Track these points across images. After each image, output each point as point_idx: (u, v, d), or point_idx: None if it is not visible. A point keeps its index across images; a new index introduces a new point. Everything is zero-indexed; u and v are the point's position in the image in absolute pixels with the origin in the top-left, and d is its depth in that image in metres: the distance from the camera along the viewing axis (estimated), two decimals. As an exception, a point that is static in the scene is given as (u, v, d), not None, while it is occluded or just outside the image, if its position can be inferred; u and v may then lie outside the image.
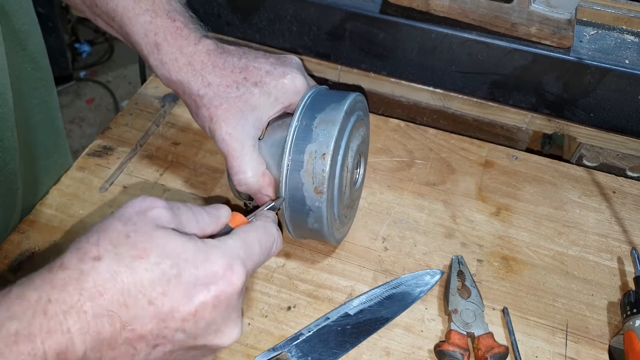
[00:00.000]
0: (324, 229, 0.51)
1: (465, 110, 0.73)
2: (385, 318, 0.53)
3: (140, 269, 0.33)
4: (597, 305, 0.56)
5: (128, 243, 0.33)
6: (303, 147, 0.48)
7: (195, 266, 0.34)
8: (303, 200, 0.49)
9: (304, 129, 0.49)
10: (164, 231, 0.35)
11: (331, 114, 0.49)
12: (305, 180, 0.48)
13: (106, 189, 0.63)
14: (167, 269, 0.33)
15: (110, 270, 0.32)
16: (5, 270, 0.54)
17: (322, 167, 0.48)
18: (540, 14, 0.64)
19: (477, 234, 0.61)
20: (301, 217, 0.50)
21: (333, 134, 0.48)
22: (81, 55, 2.42)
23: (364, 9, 0.68)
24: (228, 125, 0.47)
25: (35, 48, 0.59)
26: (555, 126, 0.70)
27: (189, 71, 0.48)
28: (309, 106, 0.50)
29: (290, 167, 0.49)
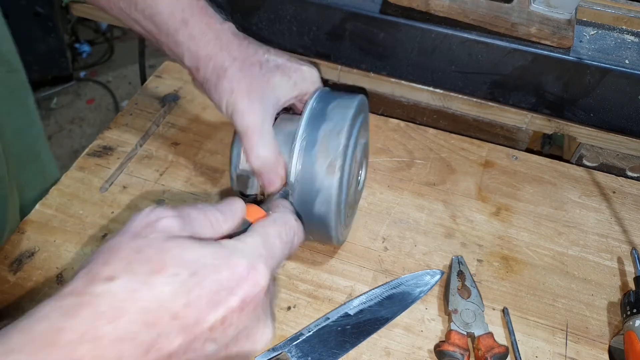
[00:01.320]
0: (330, 215, 0.49)
1: (465, 110, 0.73)
2: (385, 318, 0.53)
3: (158, 284, 0.30)
4: (597, 305, 0.56)
5: (141, 258, 0.31)
6: (318, 125, 0.49)
7: (216, 271, 0.32)
8: (313, 179, 0.48)
9: (318, 110, 0.50)
10: (177, 240, 0.33)
11: (345, 102, 0.51)
12: (318, 157, 0.48)
13: (106, 189, 0.63)
14: (186, 278, 0.31)
15: (127, 290, 0.30)
16: (5, 270, 0.54)
17: (337, 143, 0.48)
18: (540, 14, 0.64)
19: (477, 234, 0.61)
20: (309, 199, 0.49)
21: (348, 115, 0.49)
22: (81, 55, 2.42)
23: (364, 9, 0.68)
24: (250, 99, 0.47)
25: (8, 50, 0.58)
26: (555, 126, 0.70)
27: (216, 45, 0.49)
28: (322, 95, 0.52)
29: (305, 145, 0.48)
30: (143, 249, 0.32)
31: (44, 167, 0.66)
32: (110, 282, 0.30)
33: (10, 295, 0.53)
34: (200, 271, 0.32)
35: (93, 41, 2.47)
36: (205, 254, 0.33)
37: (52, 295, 0.30)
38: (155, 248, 0.32)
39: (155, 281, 0.30)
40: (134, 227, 0.34)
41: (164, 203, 0.61)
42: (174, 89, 0.75)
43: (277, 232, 0.38)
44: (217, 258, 0.33)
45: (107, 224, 0.59)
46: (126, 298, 0.29)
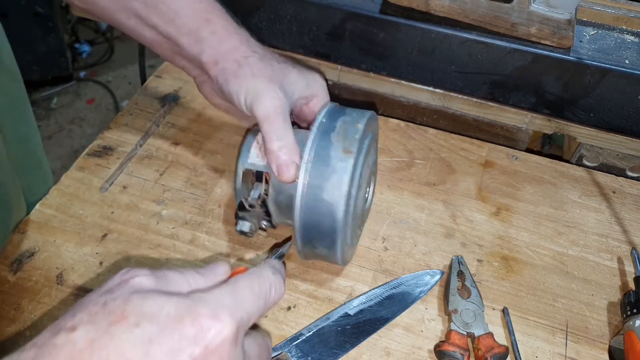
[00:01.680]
0: (342, 202, 0.47)
1: (465, 110, 0.73)
2: (385, 318, 0.53)
3: (118, 333, 0.30)
4: (597, 305, 0.56)
5: (104, 310, 0.31)
6: (336, 117, 0.50)
7: (177, 321, 0.32)
8: (328, 160, 0.47)
9: (336, 108, 0.52)
10: (141, 293, 0.33)
11: (359, 112, 0.52)
12: (334, 140, 0.48)
13: (106, 189, 0.63)
14: (147, 327, 0.31)
15: (87, 339, 0.30)
16: (5, 270, 0.55)
17: (355, 131, 0.49)
18: (540, 14, 0.64)
19: (477, 234, 0.61)
20: (320, 183, 0.47)
21: (366, 115, 0.51)
22: (81, 55, 2.42)
23: (364, 9, 0.68)
24: (274, 88, 0.48)
25: (9, 60, 0.58)
26: (555, 126, 0.70)
27: (237, 39, 0.51)
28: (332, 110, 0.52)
29: (322, 129, 0.49)
30: (108, 302, 0.32)
31: (44, 175, 0.66)
32: (71, 332, 0.30)
33: (10, 295, 0.53)
34: (161, 320, 0.31)
35: (93, 41, 2.47)
36: (168, 304, 0.32)
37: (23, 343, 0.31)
38: (119, 300, 0.32)
39: (115, 331, 0.30)
40: (108, 285, 0.34)
41: (164, 203, 0.61)
42: (174, 89, 0.75)
43: (248, 284, 0.37)
44: (180, 308, 0.32)
45: (107, 224, 0.59)
46: (85, 347, 0.29)
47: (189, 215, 0.61)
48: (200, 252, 0.57)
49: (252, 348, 0.37)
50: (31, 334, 0.50)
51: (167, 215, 0.60)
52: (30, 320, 0.51)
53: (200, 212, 0.61)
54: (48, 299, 0.52)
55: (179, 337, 0.31)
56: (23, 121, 0.62)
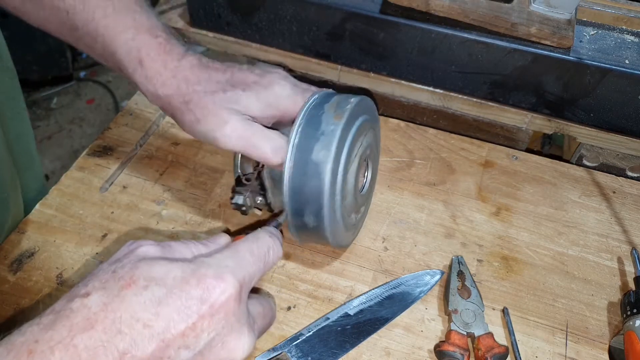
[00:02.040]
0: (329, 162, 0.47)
1: (465, 110, 0.73)
2: (385, 318, 0.53)
3: (129, 296, 0.33)
4: (597, 305, 0.56)
5: (115, 277, 0.34)
6: (331, 95, 0.51)
7: (183, 282, 0.34)
8: (318, 124, 0.48)
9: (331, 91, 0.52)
10: (148, 260, 0.35)
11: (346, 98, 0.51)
12: (327, 109, 0.49)
13: (106, 189, 0.63)
14: (156, 289, 0.33)
15: (100, 303, 0.32)
16: (5, 270, 0.55)
17: (347, 103, 0.49)
18: (540, 14, 0.64)
19: (477, 234, 0.61)
20: (309, 144, 0.47)
21: (359, 96, 0.51)
22: (81, 55, 2.41)
23: (364, 9, 0.68)
24: (222, 117, 0.46)
25: (7, 58, 0.58)
26: (555, 126, 0.70)
27: (173, 84, 0.47)
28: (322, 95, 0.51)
29: (316, 102, 0.50)
30: (117, 270, 0.34)
31: (37, 173, 0.66)
32: (85, 297, 0.33)
33: (10, 295, 0.53)
34: (168, 283, 0.34)
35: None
36: (174, 268, 0.35)
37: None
38: (128, 267, 0.35)
39: (126, 294, 0.33)
40: (116, 256, 0.37)
41: (164, 203, 0.61)
42: (174, 89, 0.75)
43: (246, 247, 0.39)
44: (185, 271, 0.35)
45: (107, 224, 0.59)
46: (99, 310, 0.32)
47: (189, 215, 0.61)
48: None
49: (256, 308, 0.40)
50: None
51: (167, 215, 0.60)
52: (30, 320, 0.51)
53: (200, 212, 0.61)
54: (48, 299, 0.52)
55: (186, 297, 0.33)
56: (19, 118, 0.62)
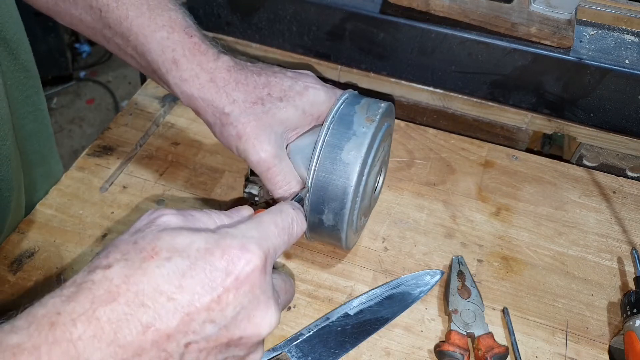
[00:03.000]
0: (358, 163, 0.47)
1: (465, 110, 0.73)
2: (385, 318, 0.53)
3: (151, 268, 0.32)
4: (597, 305, 0.56)
5: (136, 248, 0.33)
6: (360, 97, 0.52)
7: (208, 253, 0.33)
8: (350, 124, 0.48)
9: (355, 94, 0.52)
10: (170, 230, 0.34)
11: (375, 102, 0.51)
12: (358, 110, 0.49)
13: (106, 189, 0.63)
14: (179, 261, 0.32)
15: (122, 275, 0.31)
16: (5, 270, 0.54)
17: (378, 107, 0.50)
18: (540, 14, 0.64)
19: (477, 234, 0.61)
20: (340, 143, 0.48)
21: (386, 102, 0.51)
22: (81, 55, 2.42)
23: (364, 9, 0.68)
24: (261, 143, 0.46)
25: (26, 57, 0.59)
26: (555, 126, 0.70)
27: (211, 88, 0.47)
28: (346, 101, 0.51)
29: (348, 101, 0.50)
30: (138, 241, 0.33)
31: (50, 170, 0.66)
32: (107, 269, 0.31)
33: (10, 295, 0.53)
34: (192, 254, 0.33)
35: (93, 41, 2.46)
36: (197, 239, 0.34)
37: None
38: (150, 238, 0.33)
39: (149, 265, 0.32)
40: (137, 225, 0.36)
41: (164, 203, 0.61)
42: (174, 89, 0.75)
43: (270, 219, 0.38)
44: (209, 242, 0.33)
45: (107, 224, 0.59)
46: (121, 283, 0.31)
47: (189, 215, 0.60)
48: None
49: (279, 282, 0.39)
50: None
51: (167, 215, 0.60)
52: (30, 320, 0.51)
53: (200, 212, 0.61)
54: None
55: (210, 269, 0.32)
56: (33, 117, 0.62)
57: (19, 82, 0.58)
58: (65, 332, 0.29)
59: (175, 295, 0.31)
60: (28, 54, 0.59)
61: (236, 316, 0.33)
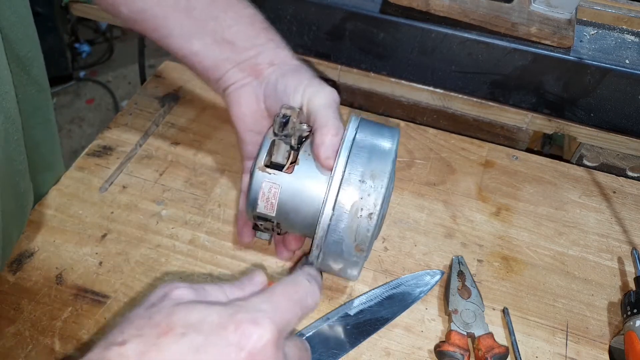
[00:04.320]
0: (353, 277, 0.50)
1: (465, 110, 0.73)
2: (385, 318, 0.53)
3: (166, 344, 0.32)
4: (597, 306, 0.56)
5: (151, 323, 0.33)
6: (349, 200, 0.45)
7: (221, 328, 0.33)
8: (340, 254, 0.46)
9: (349, 181, 0.46)
10: (185, 305, 0.35)
11: (379, 165, 0.46)
12: (346, 236, 0.46)
13: (106, 189, 0.62)
14: (193, 337, 0.32)
15: (137, 352, 0.31)
16: (5, 271, 0.54)
17: (368, 227, 0.45)
18: (540, 14, 0.64)
19: (477, 234, 0.61)
20: (333, 266, 0.48)
21: (381, 192, 0.45)
22: (81, 55, 2.42)
23: (364, 9, 0.68)
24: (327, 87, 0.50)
25: (39, 72, 0.59)
26: (555, 126, 0.70)
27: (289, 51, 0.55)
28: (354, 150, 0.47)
29: (332, 221, 0.45)
30: (153, 316, 0.33)
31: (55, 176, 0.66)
32: (122, 346, 0.31)
33: (10, 295, 0.53)
34: (205, 329, 0.33)
35: (93, 41, 2.46)
36: (211, 313, 0.34)
37: None
38: (164, 313, 0.34)
39: (163, 342, 0.32)
40: (151, 299, 0.36)
41: (163, 203, 0.61)
42: (174, 88, 0.75)
43: (284, 291, 0.38)
44: (222, 316, 0.34)
45: (106, 224, 0.59)
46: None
47: (189, 215, 0.60)
48: (200, 252, 0.57)
49: (293, 351, 0.38)
50: (31, 334, 0.50)
51: (166, 215, 0.60)
52: (30, 320, 0.51)
53: (200, 212, 0.61)
54: (48, 299, 0.52)
55: (224, 344, 0.32)
56: (42, 127, 0.63)
57: (30, 95, 0.59)
58: None
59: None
60: (40, 68, 0.60)
61: None
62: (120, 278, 0.54)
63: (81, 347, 0.49)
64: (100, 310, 0.52)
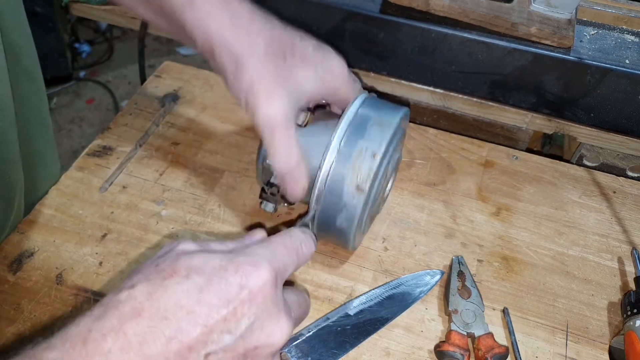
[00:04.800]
0: (351, 230, 0.49)
1: (465, 110, 0.73)
2: (385, 318, 0.53)
3: (171, 285, 0.34)
4: (597, 306, 0.56)
5: (158, 270, 0.36)
6: (354, 141, 0.48)
7: (222, 270, 0.36)
8: (340, 194, 0.48)
9: (357, 124, 0.48)
10: (189, 253, 0.37)
11: (387, 118, 0.49)
12: (348, 174, 0.47)
13: (106, 189, 0.62)
14: (196, 278, 0.35)
15: (145, 293, 0.34)
16: (5, 270, 0.54)
17: (370, 166, 0.47)
18: (540, 14, 0.64)
19: (477, 234, 0.61)
20: (332, 212, 0.49)
21: (387, 137, 0.48)
22: (81, 55, 2.41)
23: (364, 9, 0.68)
24: (273, 99, 0.44)
25: (30, 61, 0.59)
26: (555, 126, 0.70)
27: (232, 28, 0.43)
28: (365, 103, 0.50)
29: (336, 159, 0.47)
30: (159, 264, 0.36)
31: (49, 170, 0.66)
32: (131, 289, 0.34)
33: (10, 295, 0.53)
34: (208, 271, 0.36)
35: (93, 41, 2.46)
36: (213, 258, 0.37)
37: None
38: (169, 261, 0.37)
39: (169, 284, 0.35)
40: (158, 254, 0.39)
41: (163, 203, 0.61)
42: (174, 88, 0.75)
43: (280, 240, 0.41)
44: (223, 260, 0.37)
45: (106, 224, 0.59)
46: (144, 299, 0.34)
47: (189, 215, 0.60)
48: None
49: (292, 297, 0.41)
50: (30, 334, 0.50)
51: (166, 215, 0.60)
52: (30, 320, 0.51)
53: (200, 212, 0.61)
54: (48, 299, 0.52)
55: (225, 284, 0.35)
56: (33, 119, 0.63)
57: (21, 85, 0.58)
58: (97, 347, 0.31)
59: (195, 309, 0.34)
60: (31, 58, 0.60)
61: (251, 327, 0.35)
62: (120, 278, 0.54)
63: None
64: (100, 310, 0.52)
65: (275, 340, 0.37)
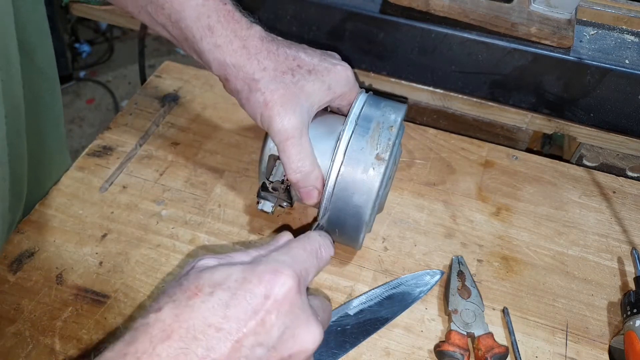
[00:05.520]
0: (369, 205, 0.49)
1: (465, 110, 0.73)
2: (385, 318, 0.53)
3: (197, 304, 0.34)
4: (597, 305, 0.56)
5: (182, 289, 0.36)
6: (370, 116, 0.50)
7: (245, 282, 0.36)
8: (359, 161, 0.48)
9: (370, 104, 0.51)
10: (210, 268, 0.37)
11: (396, 105, 0.52)
12: (368, 145, 0.48)
13: (106, 189, 0.62)
14: (221, 294, 0.35)
15: (172, 315, 0.34)
16: (5, 270, 0.54)
17: (389, 137, 0.49)
18: (540, 14, 0.64)
19: (477, 234, 0.61)
20: (352, 187, 0.49)
21: (401, 113, 0.51)
22: (81, 55, 2.42)
23: (364, 9, 0.68)
24: (286, 112, 0.47)
25: (44, 59, 0.59)
26: (555, 126, 0.70)
27: (243, 54, 0.48)
28: (369, 100, 0.52)
29: (355, 131, 0.49)
30: (183, 283, 0.36)
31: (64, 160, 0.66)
32: (158, 312, 0.34)
33: (10, 295, 0.53)
34: (231, 285, 0.36)
35: (93, 41, 2.46)
36: (234, 271, 0.37)
37: None
38: (192, 278, 0.37)
39: (194, 303, 0.35)
40: (181, 274, 0.39)
41: (163, 203, 0.61)
42: (174, 88, 0.75)
43: (299, 245, 0.41)
44: (245, 272, 0.36)
45: (107, 224, 0.59)
46: (172, 321, 0.34)
47: (189, 215, 0.60)
48: (200, 252, 0.57)
49: (316, 302, 0.41)
50: (31, 334, 0.50)
51: (166, 215, 0.60)
52: (30, 320, 0.51)
53: (200, 212, 0.61)
54: (48, 299, 0.52)
55: (250, 296, 0.35)
56: (46, 118, 0.63)
57: (33, 82, 0.59)
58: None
59: (223, 325, 0.34)
60: (45, 56, 0.60)
61: (282, 336, 0.35)
62: (120, 278, 0.54)
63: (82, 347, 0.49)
64: (100, 310, 0.52)
65: (307, 346, 0.37)
